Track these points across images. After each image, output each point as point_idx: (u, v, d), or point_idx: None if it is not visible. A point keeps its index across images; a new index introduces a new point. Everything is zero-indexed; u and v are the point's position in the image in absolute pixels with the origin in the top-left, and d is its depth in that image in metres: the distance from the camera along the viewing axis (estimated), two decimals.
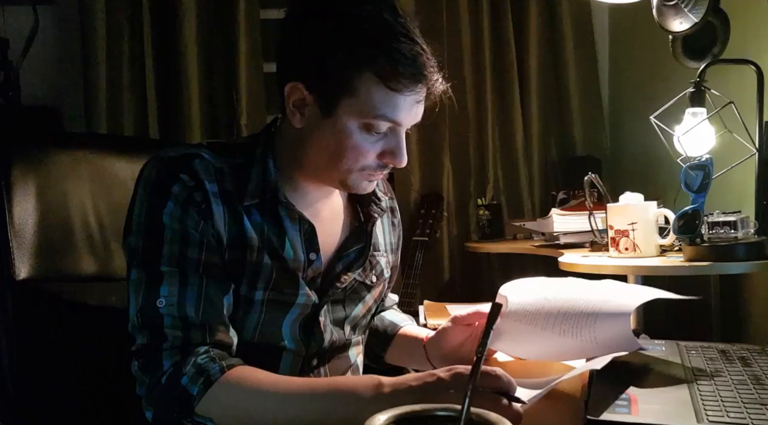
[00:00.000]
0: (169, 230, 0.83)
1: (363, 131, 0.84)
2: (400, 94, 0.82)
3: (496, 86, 2.43)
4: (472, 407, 0.56)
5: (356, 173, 0.87)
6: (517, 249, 2.01)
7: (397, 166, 0.88)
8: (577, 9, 2.43)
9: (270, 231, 0.89)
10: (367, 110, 0.82)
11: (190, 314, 0.80)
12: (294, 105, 0.86)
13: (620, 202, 1.32)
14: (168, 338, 0.79)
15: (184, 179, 0.84)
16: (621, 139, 2.42)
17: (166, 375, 0.77)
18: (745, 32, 1.50)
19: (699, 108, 1.26)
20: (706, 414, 0.67)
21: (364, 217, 1.00)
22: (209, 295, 0.82)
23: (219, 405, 0.75)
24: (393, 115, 0.84)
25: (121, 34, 2.21)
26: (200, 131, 2.25)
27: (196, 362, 0.77)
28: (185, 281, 0.82)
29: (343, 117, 0.83)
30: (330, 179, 0.90)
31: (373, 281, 1.01)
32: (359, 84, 0.81)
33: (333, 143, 0.85)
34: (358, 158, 0.85)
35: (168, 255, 0.82)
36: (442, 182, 2.39)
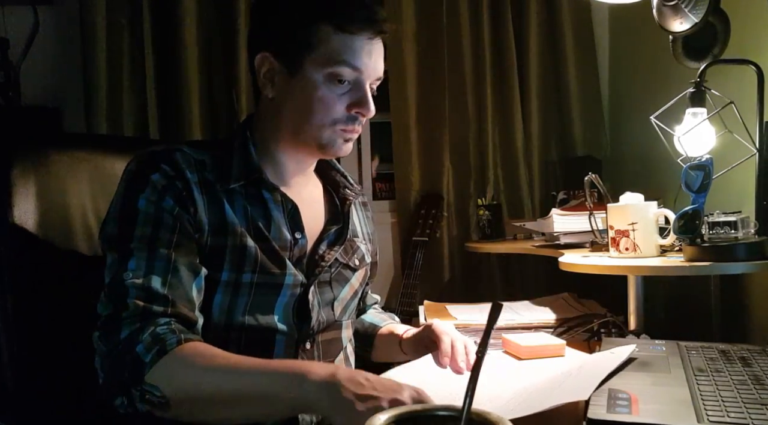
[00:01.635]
0: (143, 214, 0.86)
1: (328, 83, 0.91)
2: (356, 36, 0.90)
3: (496, 86, 2.43)
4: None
5: (329, 129, 0.93)
6: (517, 249, 2.00)
7: (365, 115, 0.94)
8: (577, 9, 2.43)
9: (255, 213, 0.94)
10: (329, 59, 0.90)
11: (154, 286, 0.82)
12: (265, 77, 0.94)
13: (620, 202, 1.32)
14: (129, 307, 0.80)
15: (165, 168, 0.89)
16: (621, 139, 2.42)
17: (122, 342, 0.79)
18: (746, 32, 1.49)
19: (699, 108, 1.26)
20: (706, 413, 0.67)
21: (340, 200, 1.07)
22: (178, 271, 0.84)
23: (169, 375, 0.76)
24: (353, 60, 0.91)
25: (121, 35, 2.21)
26: (200, 130, 2.25)
27: (155, 331, 0.79)
28: (154, 256, 0.84)
29: (308, 72, 0.91)
30: (306, 143, 0.96)
31: (356, 264, 1.07)
32: (319, 36, 0.90)
33: (302, 100, 0.92)
34: (328, 110, 0.92)
35: (140, 235, 0.85)
36: (442, 182, 2.39)
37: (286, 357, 0.94)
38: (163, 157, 0.90)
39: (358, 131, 0.97)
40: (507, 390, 0.89)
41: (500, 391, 0.89)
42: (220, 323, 0.90)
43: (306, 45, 0.90)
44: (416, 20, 2.39)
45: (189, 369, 0.77)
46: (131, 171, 0.90)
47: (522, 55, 2.43)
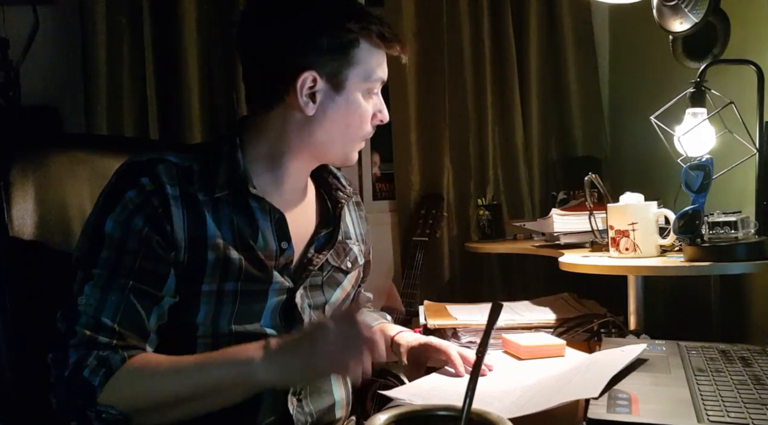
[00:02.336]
0: (108, 238, 0.86)
1: (366, 97, 0.97)
2: (386, 52, 0.97)
3: (496, 86, 2.43)
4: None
5: (358, 142, 1.00)
6: (517, 249, 2.00)
7: (384, 121, 1.01)
8: (577, 9, 2.43)
9: (240, 223, 0.93)
10: (369, 75, 0.95)
11: (104, 319, 0.84)
12: (307, 94, 0.94)
13: (620, 202, 1.32)
14: (77, 334, 0.83)
15: (144, 182, 0.88)
16: (621, 139, 2.42)
17: (69, 369, 0.81)
18: (746, 32, 1.50)
19: (699, 108, 1.26)
20: (706, 413, 0.67)
21: (332, 203, 1.07)
22: (131, 304, 0.85)
23: (121, 392, 0.80)
24: (383, 73, 0.98)
25: (121, 35, 2.21)
26: (200, 131, 2.25)
27: (99, 354, 0.81)
28: (110, 286, 0.85)
29: (352, 88, 0.95)
30: (334, 156, 1.01)
31: (348, 266, 1.07)
32: (360, 53, 0.94)
33: (346, 115, 0.96)
34: (364, 124, 0.98)
35: (103, 259, 0.86)
36: (442, 182, 2.39)
37: None
38: (143, 170, 0.89)
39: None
40: (516, 389, 0.89)
41: (508, 389, 0.89)
42: (206, 332, 0.90)
43: (350, 63, 0.94)
44: (416, 20, 2.38)
45: (138, 380, 0.81)
46: (110, 184, 0.91)
47: (522, 55, 2.43)
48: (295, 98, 0.93)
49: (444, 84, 2.36)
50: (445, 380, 0.98)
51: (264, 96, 0.97)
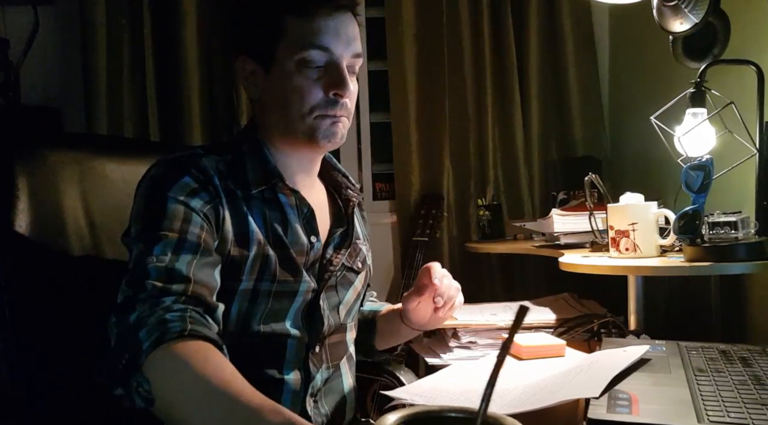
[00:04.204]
0: (172, 211, 0.83)
1: (302, 69, 0.90)
2: (318, 17, 0.89)
3: (496, 86, 2.43)
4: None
5: (309, 118, 0.92)
6: (517, 250, 2.00)
7: (343, 95, 0.92)
8: (577, 9, 2.43)
9: (273, 218, 0.93)
10: (296, 45, 0.89)
11: (178, 267, 0.78)
12: (247, 79, 0.94)
13: (620, 202, 1.32)
14: (147, 288, 0.76)
15: (195, 173, 0.87)
16: (621, 139, 2.42)
17: (130, 325, 0.73)
18: (746, 33, 1.49)
19: (699, 108, 1.26)
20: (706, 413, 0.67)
21: (343, 202, 1.06)
22: (203, 263, 0.81)
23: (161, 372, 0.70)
24: (320, 41, 0.89)
25: (122, 35, 2.21)
26: (200, 131, 2.25)
27: (162, 316, 0.73)
28: (182, 246, 0.81)
29: (280, 64, 0.90)
30: (295, 138, 0.94)
31: (359, 266, 1.07)
32: (284, 26, 0.89)
33: (280, 93, 0.91)
34: (304, 98, 0.90)
35: (169, 226, 0.82)
36: (442, 182, 2.39)
37: (297, 360, 0.94)
38: (190, 162, 0.88)
39: (342, 114, 0.94)
40: (517, 387, 0.89)
41: (509, 387, 0.89)
42: (235, 331, 0.89)
43: (274, 38, 0.90)
44: (416, 20, 2.38)
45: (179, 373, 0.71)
46: (156, 175, 0.87)
47: (522, 55, 2.43)
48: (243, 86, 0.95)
49: (444, 84, 2.36)
50: (445, 380, 0.98)
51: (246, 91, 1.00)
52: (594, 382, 0.78)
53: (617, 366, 0.83)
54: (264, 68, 0.92)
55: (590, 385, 0.77)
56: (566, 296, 1.61)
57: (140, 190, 0.88)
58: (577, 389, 0.79)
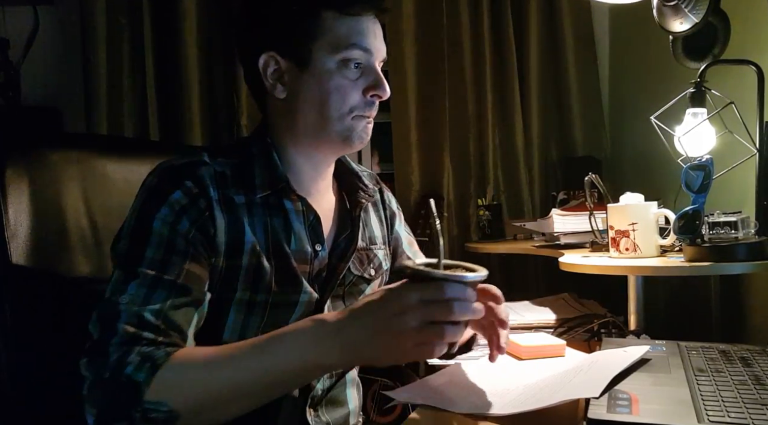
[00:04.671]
0: (156, 236, 0.81)
1: (342, 69, 0.88)
2: (362, 17, 0.88)
3: (496, 86, 2.43)
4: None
5: (348, 118, 0.90)
6: (517, 250, 2.00)
7: (382, 96, 0.91)
8: (577, 9, 2.43)
9: (275, 225, 0.90)
10: (338, 44, 0.87)
11: (147, 316, 0.77)
12: (272, 77, 0.90)
13: (620, 202, 1.32)
14: (118, 332, 0.76)
15: (189, 185, 0.84)
16: (621, 139, 2.42)
17: (111, 367, 0.73)
18: (746, 33, 1.49)
19: (699, 108, 1.26)
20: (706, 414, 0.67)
21: (351, 203, 1.01)
22: (176, 304, 0.80)
23: (171, 386, 0.72)
24: (363, 42, 0.88)
25: (122, 35, 2.21)
26: (200, 131, 2.25)
27: (141, 350, 0.74)
28: (157, 284, 0.79)
29: (319, 62, 0.88)
30: (329, 139, 0.91)
31: (372, 274, 1.02)
32: (324, 24, 0.87)
33: (317, 92, 0.88)
34: (344, 98, 0.89)
35: (150, 259, 0.80)
36: (442, 182, 2.39)
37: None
38: (186, 172, 0.85)
39: (374, 115, 0.94)
40: (517, 387, 0.89)
41: (509, 387, 0.89)
42: (232, 341, 0.86)
43: (312, 35, 0.87)
44: (416, 20, 2.38)
45: (191, 370, 0.74)
46: (151, 187, 0.85)
47: (522, 55, 2.43)
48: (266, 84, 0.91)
49: (444, 84, 2.36)
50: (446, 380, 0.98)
51: (254, 92, 0.96)
52: (594, 382, 0.78)
53: (617, 366, 0.83)
54: (298, 66, 0.89)
55: (590, 385, 0.77)
56: (566, 296, 1.61)
57: (137, 199, 0.86)
58: (577, 389, 0.79)
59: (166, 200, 0.83)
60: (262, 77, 0.90)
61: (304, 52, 0.88)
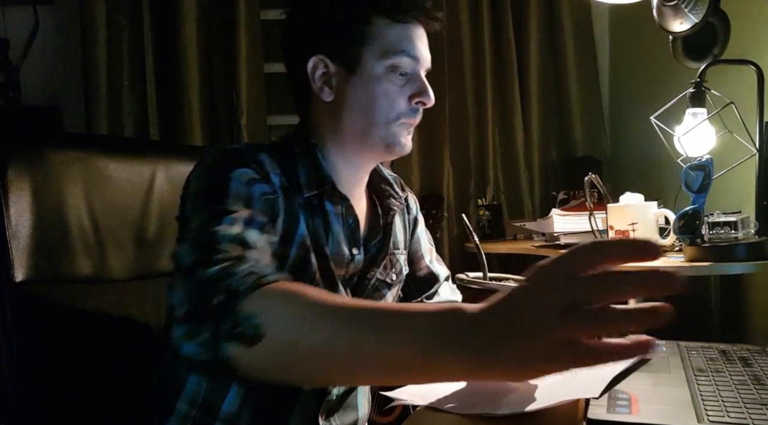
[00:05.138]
0: (235, 189, 0.78)
1: (390, 74, 0.88)
2: (411, 25, 0.89)
3: (496, 86, 2.43)
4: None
5: (394, 124, 0.90)
6: (517, 250, 2.00)
7: (427, 103, 0.92)
8: (577, 9, 2.43)
9: (317, 227, 0.89)
10: (388, 50, 0.87)
11: (250, 238, 0.71)
12: (321, 80, 0.90)
13: (620, 202, 1.32)
14: (221, 251, 0.68)
15: (253, 166, 0.83)
16: (621, 139, 2.42)
17: (213, 274, 0.65)
18: (745, 33, 1.49)
19: (699, 108, 1.26)
20: (706, 414, 0.66)
21: (382, 209, 1.01)
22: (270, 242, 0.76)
23: (269, 307, 0.61)
24: (412, 50, 0.89)
25: (122, 35, 2.21)
26: (200, 131, 2.25)
27: (250, 267, 0.66)
28: (250, 222, 0.74)
29: (368, 67, 0.88)
30: (373, 144, 0.91)
31: (393, 279, 1.01)
32: (375, 29, 0.87)
33: (365, 97, 0.89)
34: (392, 104, 0.89)
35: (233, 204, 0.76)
36: (442, 182, 2.39)
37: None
38: (248, 155, 0.84)
39: (417, 122, 0.94)
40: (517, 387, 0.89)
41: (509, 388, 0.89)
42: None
43: (362, 40, 0.87)
44: None
45: (294, 302, 0.61)
46: (215, 162, 0.83)
47: (522, 55, 2.43)
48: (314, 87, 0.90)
49: (444, 84, 2.36)
50: None
51: (296, 93, 0.95)
52: (594, 382, 0.77)
53: (617, 366, 0.83)
54: (347, 70, 0.89)
55: (590, 385, 0.77)
56: None
57: (196, 175, 0.83)
58: (577, 389, 0.79)
59: (236, 170, 0.80)
60: (310, 80, 0.90)
61: (354, 57, 0.88)
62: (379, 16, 0.87)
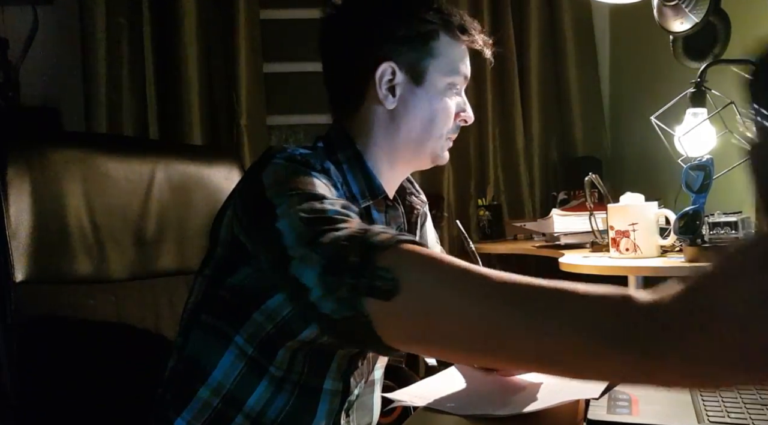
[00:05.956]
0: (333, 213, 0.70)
1: (448, 92, 0.92)
2: (466, 46, 0.94)
3: (496, 86, 2.43)
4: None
5: (444, 139, 0.95)
6: (517, 250, 2.00)
7: (467, 121, 0.96)
8: (577, 9, 2.43)
9: None
10: (450, 68, 0.91)
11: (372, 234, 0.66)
12: (386, 87, 0.91)
13: (621, 202, 1.31)
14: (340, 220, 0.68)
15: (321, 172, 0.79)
16: (622, 139, 2.42)
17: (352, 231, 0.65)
18: (746, 32, 1.49)
19: (700, 108, 1.26)
20: (706, 414, 0.66)
21: (405, 209, 1.01)
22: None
23: (407, 262, 0.60)
24: (465, 69, 0.94)
25: (121, 35, 2.21)
26: (200, 131, 2.25)
27: (382, 228, 0.66)
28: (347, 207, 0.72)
29: (433, 81, 0.91)
30: (424, 155, 0.94)
31: None
32: (440, 48, 0.91)
33: (428, 109, 0.91)
34: (448, 120, 0.93)
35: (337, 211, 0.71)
36: (443, 182, 2.39)
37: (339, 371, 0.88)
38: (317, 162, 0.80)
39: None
40: (517, 388, 0.89)
41: (509, 388, 0.88)
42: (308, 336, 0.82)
43: (431, 55, 0.90)
44: None
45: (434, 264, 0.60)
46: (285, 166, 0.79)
47: (522, 55, 2.43)
48: (376, 93, 0.89)
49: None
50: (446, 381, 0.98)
51: (347, 95, 0.93)
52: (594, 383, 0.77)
53: None
54: (413, 81, 0.91)
55: (590, 386, 0.77)
56: None
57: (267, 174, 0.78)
58: (577, 390, 0.79)
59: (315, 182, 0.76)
60: (376, 85, 0.89)
61: (422, 70, 0.91)
62: (445, 32, 0.91)
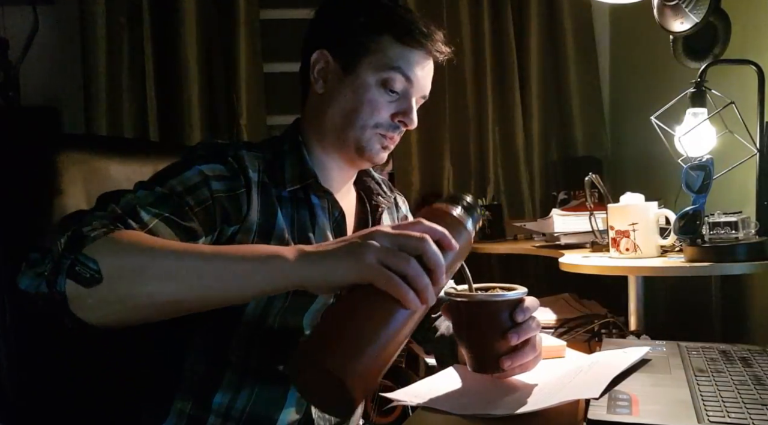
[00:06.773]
0: (189, 175, 0.84)
1: (380, 87, 0.94)
2: (414, 50, 0.95)
3: (496, 86, 2.43)
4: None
5: (370, 131, 0.96)
6: (517, 250, 2.00)
7: (408, 126, 0.99)
8: (577, 9, 2.43)
9: (302, 219, 0.94)
10: (384, 64, 0.94)
11: (141, 213, 0.76)
12: (318, 73, 0.97)
13: (621, 202, 1.31)
14: (107, 209, 0.75)
15: (231, 162, 0.89)
16: (622, 139, 2.42)
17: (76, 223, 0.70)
18: (746, 32, 1.49)
19: (700, 108, 1.26)
20: (706, 414, 0.66)
21: (371, 208, 1.06)
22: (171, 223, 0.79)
23: (110, 250, 0.67)
24: (407, 69, 0.95)
25: (121, 35, 2.22)
26: (200, 131, 2.25)
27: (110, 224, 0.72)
28: (165, 200, 0.80)
29: (362, 74, 0.94)
30: (347, 144, 0.97)
31: None
32: (379, 43, 0.94)
33: (352, 99, 0.95)
34: (373, 113, 0.95)
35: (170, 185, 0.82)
36: (442, 182, 2.39)
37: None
38: (229, 150, 0.90)
39: (396, 140, 1.00)
40: (516, 388, 0.88)
41: (509, 388, 0.88)
42: (251, 322, 0.89)
43: (365, 49, 0.94)
44: None
45: (137, 244, 0.69)
46: (194, 154, 0.89)
47: (522, 55, 2.43)
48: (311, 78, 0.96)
49: (444, 84, 2.36)
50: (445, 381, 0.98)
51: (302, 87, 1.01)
52: (594, 383, 0.77)
53: (617, 366, 0.83)
54: (343, 70, 0.95)
55: (590, 386, 0.77)
56: (566, 296, 1.61)
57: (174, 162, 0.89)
58: (577, 390, 0.79)
59: (209, 163, 0.86)
60: (310, 70, 0.97)
61: (354, 61, 0.94)
62: (387, 33, 0.94)
